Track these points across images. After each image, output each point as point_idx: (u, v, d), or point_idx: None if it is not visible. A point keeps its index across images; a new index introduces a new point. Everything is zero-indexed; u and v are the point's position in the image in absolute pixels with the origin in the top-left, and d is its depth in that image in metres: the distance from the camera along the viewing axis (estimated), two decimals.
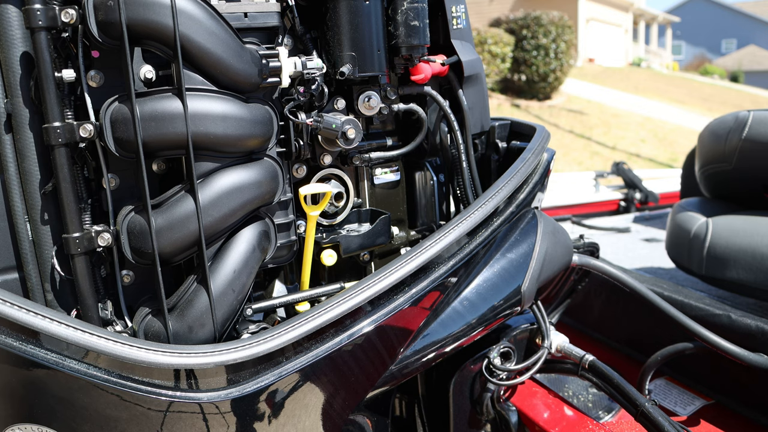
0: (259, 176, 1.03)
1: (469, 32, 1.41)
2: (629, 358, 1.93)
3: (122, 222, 0.97)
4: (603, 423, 1.39)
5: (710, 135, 1.91)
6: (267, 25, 1.10)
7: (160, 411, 0.90)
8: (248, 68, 1.01)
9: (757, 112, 1.75)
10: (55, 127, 0.91)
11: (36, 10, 0.88)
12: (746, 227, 1.72)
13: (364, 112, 1.22)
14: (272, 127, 1.07)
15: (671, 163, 9.60)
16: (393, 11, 1.19)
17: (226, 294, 1.00)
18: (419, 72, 1.26)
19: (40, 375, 0.87)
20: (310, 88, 1.13)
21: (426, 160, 1.40)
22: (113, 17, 0.89)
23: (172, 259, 0.99)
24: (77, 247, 0.95)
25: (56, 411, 0.89)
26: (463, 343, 1.11)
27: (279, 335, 0.93)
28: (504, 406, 1.34)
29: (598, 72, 18.63)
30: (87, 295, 0.97)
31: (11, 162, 0.94)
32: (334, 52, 1.15)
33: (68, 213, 0.94)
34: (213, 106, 0.97)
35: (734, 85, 23.67)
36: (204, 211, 0.97)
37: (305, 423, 0.99)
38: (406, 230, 1.41)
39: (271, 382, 0.93)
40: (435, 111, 1.36)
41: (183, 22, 0.92)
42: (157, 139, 0.94)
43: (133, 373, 0.88)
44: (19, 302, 0.85)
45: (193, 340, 0.99)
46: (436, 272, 1.07)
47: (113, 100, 0.95)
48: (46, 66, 0.90)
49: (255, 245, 1.04)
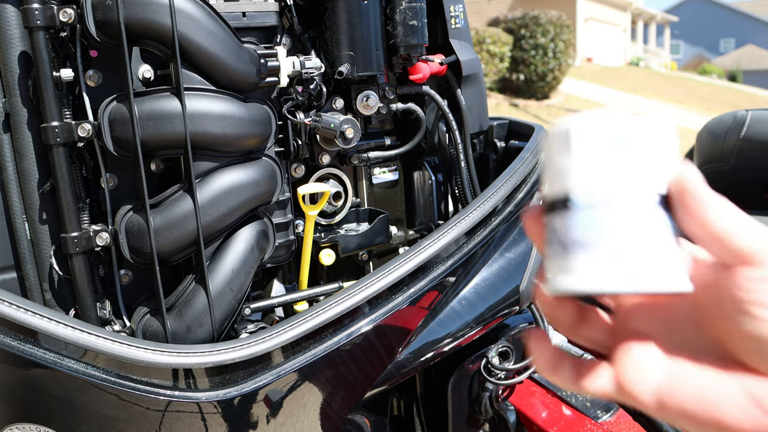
0: (258, 176, 1.03)
1: (468, 32, 1.41)
2: None
3: (120, 221, 0.97)
4: (601, 422, 1.39)
5: (708, 134, 1.92)
6: (265, 24, 1.10)
7: (159, 410, 0.90)
8: (247, 68, 1.01)
9: (755, 112, 1.76)
10: (54, 126, 0.91)
11: (34, 10, 0.88)
12: None
13: (363, 112, 1.22)
14: (270, 126, 1.07)
15: None
16: (391, 11, 1.19)
17: (225, 293, 1.00)
18: (417, 71, 1.26)
19: (39, 374, 0.87)
20: (308, 87, 1.13)
21: (424, 160, 1.40)
22: (111, 17, 0.89)
23: (170, 259, 0.99)
24: (75, 247, 0.95)
25: (54, 410, 0.89)
26: (461, 342, 1.11)
27: (277, 335, 0.94)
28: (502, 405, 1.34)
29: (596, 71, 18.65)
30: (85, 294, 0.97)
31: (9, 161, 0.94)
32: (333, 52, 1.15)
33: (66, 212, 0.94)
34: (211, 106, 0.97)
35: (732, 85, 23.71)
36: (202, 210, 0.97)
37: (303, 422, 0.99)
38: (405, 230, 1.41)
39: (269, 382, 0.93)
40: (433, 110, 1.36)
41: (181, 21, 0.92)
42: (155, 139, 0.94)
43: (131, 373, 0.88)
44: (17, 302, 0.85)
45: (192, 339, 0.99)
46: (435, 272, 1.07)
47: (111, 100, 0.95)
48: (45, 65, 0.90)
49: (253, 245, 1.04)
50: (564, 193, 0.43)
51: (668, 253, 0.41)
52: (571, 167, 0.42)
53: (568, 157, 0.43)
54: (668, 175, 0.43)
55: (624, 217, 0.41)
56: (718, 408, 0.40)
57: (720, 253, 0.41)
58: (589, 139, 0.42)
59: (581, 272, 0.41)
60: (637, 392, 0.42)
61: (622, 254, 0.40)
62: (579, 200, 0.42)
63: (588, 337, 0.48)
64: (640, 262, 0.40)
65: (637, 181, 0.41)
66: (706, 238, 0.41)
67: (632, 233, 0.41)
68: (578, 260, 0.42)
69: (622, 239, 0.41)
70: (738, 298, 0.39)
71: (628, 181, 0.41)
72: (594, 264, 0.41)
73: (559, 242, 0.43)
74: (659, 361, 0.43)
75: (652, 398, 0.42)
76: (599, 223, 0.41)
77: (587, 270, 0.41)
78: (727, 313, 0.40)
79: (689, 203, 0.41)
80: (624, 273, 0.40)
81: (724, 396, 0.40)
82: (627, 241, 0.41)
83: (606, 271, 0.41)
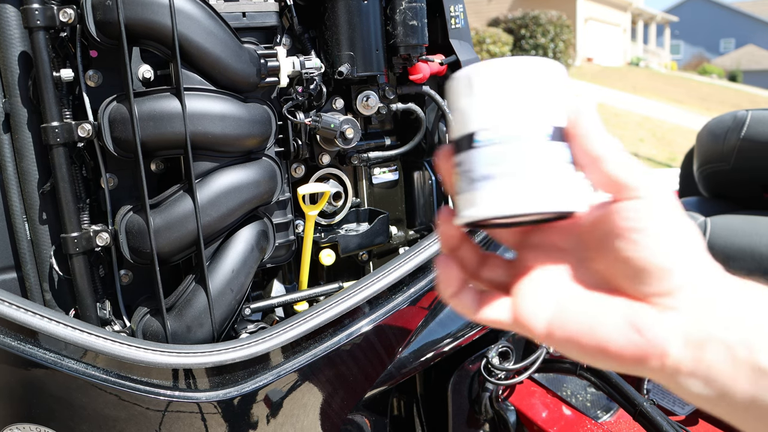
0: (258, 176, 1.03)
1: (468, 32, 1.41)
2: None
3: (120, 222, 0.97)
4: (601, 422, 1.39)
5: (708, 134, 1.92)
6: (265, 24, 1.10)
7: (159, 410, 0.90)
8: (247, 68, 1.01)
9: (755, 112, 1.75)
10: (54, 126, 0.91)
11: (34, 10, 0.88)
12: (744, 227, 1.73)
13: (363, 112, 1.22)
14: (270, 126, 1.07)
15: (669, 163, 9.61)
16: (391, 11, 1.19)
17: (225, 293, 1.00)
18: (418, 71, 1.26)
19: (39, 375, 0.87)
20: (308, 87, 1.13)
21: (424, 160, 1.40)
22: (111, 17, 0.89)
23: (170, 259, 0.99)
24: (75, 247, 0.95)
25: (54, 411, 0.89)
26: (461, 342, 1.11)
27: (277, 335, 0.94)
28: (502, 405, 1.34)
29: (596, 71, 18.64)
30: (85, 294, 0.97)
31: (9, 161, 0.94)
32: (333, 52, 1.15)
33: (66, 213, 0.94)
34: (211, 106, 0.97)
35: (732, 85, 23.70)
36: (202, 210, 0.97)
37: (303, 422, 0.99)
38: (405, 230, 1.41)
39: (270, 382, 0.93)
40: (433, 110, 1.36)
41: (181, 21, 0.92)
42: (155, 139, 0.94)
43: (131, 373, 0.88)
44: (17, 302, 0.85)
45: (192, 339, 0.99)
46: (435, 272, 1.07)
47: (111, 100, 0.95)
48: (45, 65, 0.90)
49: (253, 245, 1.04)
50: (468, 132, 0.46)
51: (564, 179, 0.45)
52: (472, 108, 0.46)
53: (470, 99, 0.46)
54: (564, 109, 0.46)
55: (522, 149, 0.45)
56: (602, 334, 0.43)
57: (599, 180, 0.45)
58: (488, 81, 0.46)
59: (485, 202, 0.45)
60: (531, 323, 0.46)
61: (521, 182, 0.44)
62: (481, 137, 0.45)
63: (490, 278, 0.51)
64: (537, 188, 0.44)
65: (533, 115, 0.45)
66: (588, 164, 0.45)
67: (530, 163, 0.44)
68: (483, 192, 0.45)
69: (521, 169, 0.44)
70: (616, 226, 0.43)
71: (524, 116, 0.45)
72: (496, 193, 0.45)
73: (466, 178, 0.46)
74: (551, 293, 0.46)
75: (543, 328, 0.46)
76: (500, 156, 0.45)
77: (490, 199, 0.45)
78: (609, 244, 0.44)
79: (577, 133, 0.45)
80: (522, 198, 0.44)
81: (606, 323, 0.43)
82: (525, 170, 0.44)
83: (506, 198, 0.44)
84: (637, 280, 0.43)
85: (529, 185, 0.44)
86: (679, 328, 0.41)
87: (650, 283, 0.42)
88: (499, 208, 0.45)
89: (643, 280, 0.42)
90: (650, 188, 0.43)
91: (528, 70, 0.45)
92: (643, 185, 0.43)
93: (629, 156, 0.45)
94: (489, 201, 0.45)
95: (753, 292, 0.42)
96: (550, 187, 0.44)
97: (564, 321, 0.45)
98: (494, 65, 0.46)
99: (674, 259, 0.42)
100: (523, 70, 0.45)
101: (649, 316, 0.42)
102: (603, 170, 0.44)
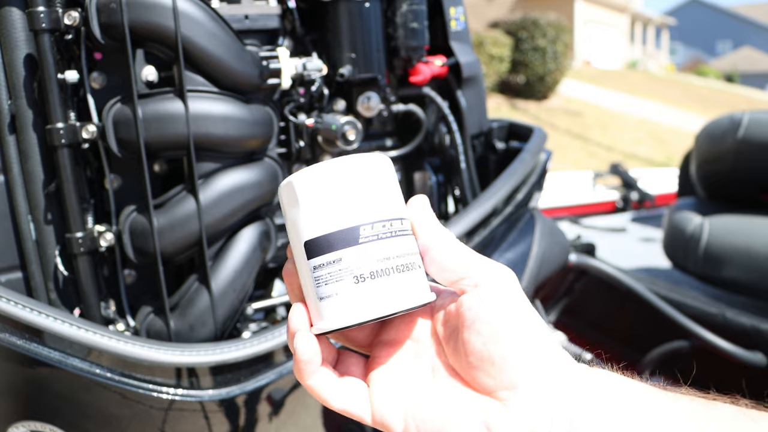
0: (260, 177, 1.04)
1: (468, 34, 1.42)
2: (626, 356, 1.94)
3: (124, 222, 0.98)
4: None
5: (706, 136, 1.93)
6: (267, 27, 1.11)
7: (162, 409, 0.90)
8: (249, 70, 1.01)
9: (752, 114, 1.77)
10: (58, 128, 0.92)
11: (39, 13, 0.89)
12: (742, 227, 1.74)
13: (364, 113, 1.23)
14: (272, 127, 1.08)
15: (667, 163, 9.63)
16: (392, 13, 1.20)
17: (227, 293, 1.01)
18: (418, 73, 1.27)
19: (44, 373, 0.88)
20: (310, 89, 1.14)
21: (425, 161, 1.41)
22: (116, 19, 0.90)
23: (173, 259, 1.00)
24: (80, 247, 0.95)
25: (59, 409, 0.90)
26: None
27: (280, 334, 0.94)
28: None
29: (595, 73, 18.67)
30: (90, 294, 0.97)
31: (15, 162, 0.95)
32: (334, 54, 1.16)
33: (71, 213, 0.95)
34: (214, 108, 0.98)
35: (730, 87, 23.75)
36: (205, 211, 0.97)
37: (306, 421, 1.00)
38: None
39: (272, 381, 0.94)
40: (434, 112, 1.37)
41: (185, 24, 0.93)
42: (158, 140, 0.95)
43: (135, 372, 0.89)
44: (22, 301, 0.85)
45: (195, 338, 1.00)
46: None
47: (115, 102, 0.95)
48: (50, 68, 0.90)
49: (256, 245, 1.05)
50: (303, 242, 0.45)
51: (406, 276, 0.44)
52: (300, 218, 0.45)
53: (297, 209, 0.45)
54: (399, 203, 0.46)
55: (354, 256, 0.43)
56: None
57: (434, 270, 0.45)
58: (311, 189, 0.44)
59: (330, 316, 0.44)
60: (389, 423, 0.45)
61: (360, 291, 0.43)
62: (313, 246, 0.44)
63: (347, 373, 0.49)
64: (378, 293, 0.44)
65: (363, 216, 0.44)
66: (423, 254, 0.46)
67: (366, 267, 0.44)
68: (326, 308, 0.44)
69: (359, 274, 0.43)
70: (461, 316, 0.43)
71: (353, 218, 0.44)
72: (338, 307, 0.44)
73: (311, 295, 0.45)
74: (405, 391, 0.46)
75: (401, 429, 0.45)
76: (336, 264, 0.44)
77: (334, 313, 0.44)
78: (457, 335, 0.44)
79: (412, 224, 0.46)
80: (364, 306, 0.43)
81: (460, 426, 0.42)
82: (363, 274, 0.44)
83: (349, 310, 0.44)
84: (482, 372, 0.42)
85: (370, 291, 0.43)
86: (525, 424, 0.41)
87: (494, 375, 0.42)
88: (343, 320, 0.44)
89: (487, 372, 0.42)
90: (485, 276, 0.43)
91: (350, 171, 0.44)
92: (476, 273, 0.44)
93: (462, 245, 0.45)
94: (333, 316, 0.44)
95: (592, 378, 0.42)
96: (391, 289, 0.44)
97: (419, 421, 0.44)
98: (315, 171, 0.45)
99: (511, 349, 0.42)
100: (346, 172, 0.44)
101: (498, 415, 0.41)
102: (434, 259, 0.45)
